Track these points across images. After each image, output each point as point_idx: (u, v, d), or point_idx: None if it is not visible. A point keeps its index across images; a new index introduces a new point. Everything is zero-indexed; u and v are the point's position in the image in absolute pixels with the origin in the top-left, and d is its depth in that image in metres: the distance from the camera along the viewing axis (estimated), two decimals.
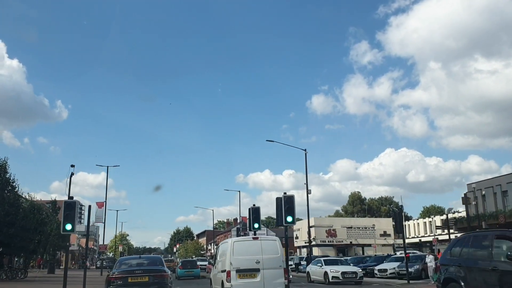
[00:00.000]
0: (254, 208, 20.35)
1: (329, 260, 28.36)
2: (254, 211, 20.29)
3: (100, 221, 38.77)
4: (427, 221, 64.89)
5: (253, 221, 19.95)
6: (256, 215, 20.19)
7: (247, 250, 12.36)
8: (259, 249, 12.35)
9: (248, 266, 12.02)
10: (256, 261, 12.02)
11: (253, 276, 11.97)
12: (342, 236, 65.71)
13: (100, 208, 38.96)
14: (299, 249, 71.45)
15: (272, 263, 12.18)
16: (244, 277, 11.98)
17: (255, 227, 19.87)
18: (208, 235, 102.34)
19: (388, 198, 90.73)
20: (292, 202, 16.39)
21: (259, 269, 11.99)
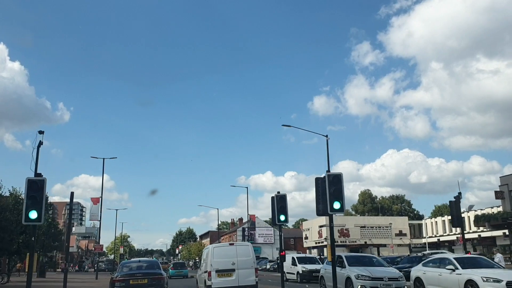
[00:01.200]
0: (280, 197, 15.92)
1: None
2: (279, 200, 15.90)
3: (96, 218, 34.48)
4: (446, 219, 60.34)
5: (279, 213, 15.63)
6: (282, 205, 15.84)
7: (225, 254, 14.66)
8: (234, 253, 14.61)
9: (226, 267, 14.31)
10: (232, 263, 14.31)
11: (229, 275, 14.26)
12: (355, 236, 61.41)
13: (95, 204, 34.62)
14: (309, 250, 67.01)
15: (245, 264, 14.44)
16: (223, 276, 14.26)
17: (281, 219, 15.60)
18: (212, 236, 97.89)
19: (400, 197, 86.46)
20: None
21: (235, 269, 14.28)
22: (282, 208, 15.77)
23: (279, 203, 15.76)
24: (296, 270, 25.93)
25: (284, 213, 15.76)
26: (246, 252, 15.02)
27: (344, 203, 12.28)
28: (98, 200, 34.94)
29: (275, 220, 15.91)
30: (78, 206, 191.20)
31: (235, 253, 14.76)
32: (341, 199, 12.18)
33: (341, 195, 12.24)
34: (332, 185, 12.18)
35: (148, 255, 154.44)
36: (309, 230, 65.92)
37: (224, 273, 14.45)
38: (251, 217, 48.30)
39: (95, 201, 34.81)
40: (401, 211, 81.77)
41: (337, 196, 12.12)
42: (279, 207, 15.71)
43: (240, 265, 14.52)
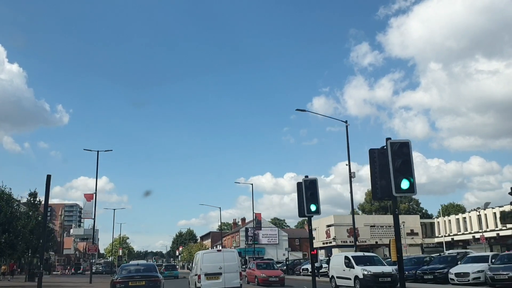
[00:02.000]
0: (309, 182, 13.07)
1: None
2: (309, 186, 12.86)
3: (89, 216, 31.47)
4: (461, 218, 57.10)
5: (309, 201, 12.44)
6: (313, 192, 12.76)
7: (213, 259, 16.48)
8: (221, 258, 16.40)
9: (214, 271, 16.12)
10: (219, 267, 16.15)
11: (217, 278, 16.07)
12: (365, 235, 58.57)
13: (88, 201, 31.52)
14: (316, 251, 63.52)
15: (231, 268, 16.27)
16: (211, 279, 16.07)
17: (311, 210, 12.41)
18: (213, 236, 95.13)
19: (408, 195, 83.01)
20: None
21: (221, 273, 16.08)
22: (313, 195, 13.31)
23: (308, 190, 13.33)
24: (354, 274, 19.99)
25: (315, 202, 13.34)
26: (232, 257, 16.82)
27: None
28: (92, 197, 31.98)
29: (303, 210, 13.53)
30: (76, 208, 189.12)
31: (222, 259, 16.47)
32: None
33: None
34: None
35: (148, 256, 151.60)
36: (315, 230, 62.72)
37: (212, 276, 16.14)
38: (257, 216, 45.16)
39: (88, 197, 31.78)
40: (409, 210, 78.60)
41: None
42: (308, 194, 13.31)
43: (227, 270, 16.20)
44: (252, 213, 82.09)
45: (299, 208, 13.66)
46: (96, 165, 33.83)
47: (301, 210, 13.49)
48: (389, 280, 19.03)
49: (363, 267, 19.84)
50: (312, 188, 13.06)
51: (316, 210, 13.09)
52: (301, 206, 13.33)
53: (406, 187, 8.54)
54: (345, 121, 26.12)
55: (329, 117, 62.23)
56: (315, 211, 13.14)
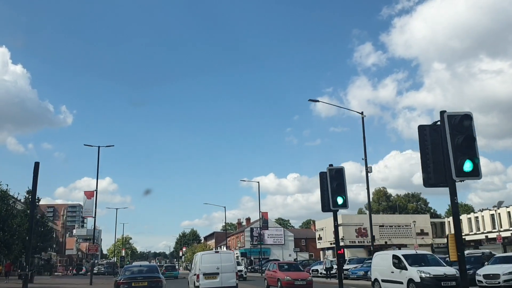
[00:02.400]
0: (335, 171, 11.28)
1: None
2: (335, 176, 11.15)
3: (90, 214, 29.83)
4: (473, 217, 55.39)
5: (335, 193, 10.74)
6: (340, 183, 11.04)
7: (211, 260, 17.21)
8: (219, 259, 17.21)
9: (211, 271, 16.81)
10: (217, 268, 16.85)
11: (214, 278, 16.81)
12: (374, 235, 56.07)
13: (89, 199, 29.78)
14: (323, 251, 61.90)
15: (228, 269, 16.97)
16: (209, 278, 16.79)
17: (338, 203, 10.67)
18: (217, 237, 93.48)
19: (416, 195, 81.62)
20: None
21: (219, 273, 16.77)
22: (339, 186, 11.48)
23: (334, 180, 11.48)
24: (407, 277, 16.73)
25: (342, 194, 11.53)
26: (228, 259, 17.66)
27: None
28: (93, 194, 30.29)
29: (327, 204, 11.74)
30: (79, 208, 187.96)
31: (219, 260, 17.26)
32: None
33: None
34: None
35: (151, 257, 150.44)
36: (323, 230, 61.19)
37: (210, 276, 16.85)
38: (263, 215, 43.44)
39: (89, 195, 30.13)
40: (417, 209, 76.85)
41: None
42: (334, 185, 11.47)
43: (223, 270, 16.91)
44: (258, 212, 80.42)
45: (322, 201, 11.98)
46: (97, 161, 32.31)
47: (324, 203, 11.81)
48: (454, 284, 15.83)
49: (419, 268, 16.73)
50: (339, 178, 11.35)
51: (343, 203, 11.37)
52: (325, 199, 11.68)
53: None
54: (361, 112, 24.51)
55: (344, 107, 60.75)
56: (342, 205, 11.42)
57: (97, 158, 30.47)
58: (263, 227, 43.98)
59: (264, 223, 43.99)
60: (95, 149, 30.60)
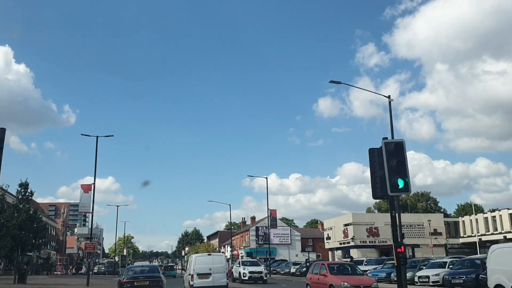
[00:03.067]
0: (394, 144, 8.53)
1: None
2: (393, 152, 8.45)
3: (87, 209, 27.36)
4: (489, 216, 52.66)
5: (394, 173, 8.03)
6: (400, 161, 8.31)
7: (204, 262, 19.24)
8: (211, 261, 19.27)
9: (204, 272, 18.74)
10: (209, 269, 18.79)
11: (207, 278, 18.70)
12: (385, 235, 54.12)
13: (86, 193, 27.26)
14: (332, 252, 59.18)
15: (219, 270, 18.89)
16: (202, 278, 18.69)
17: (398, 186, 7.96)
18: (221, 236, 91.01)
19: (425, 194, 78.83)
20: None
21: (211, 273, 18.70)
22: (400, 165, 8.78)
23: (392, 157, 8.81)
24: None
25: (404, 174, 8.81)
26: (220, 260, 19.71)
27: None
28: (90, 188, 27.73)
29: (381, 189, 9.09)
30: None
31: (212, 261, 19.19)
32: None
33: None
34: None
35: (153, 257, 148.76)
36: (332, 230, 58.44)
37: (203, 276, 18.70)
38: (272, 212, 40.69)
39: (86, 188, 27.54)
40: (427, 209, 74.10)
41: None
42: (393, 163, 8.76)
43: (215, 271, 18.74)
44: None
45: (373, 185, 9.29)
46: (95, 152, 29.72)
47: (376, 188, 9.15)
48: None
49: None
50: (399, 154, 8.82)
51: (405, 186, 8.70)
52: (378, 182, 9.04)
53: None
54: (388, 96, 21.97)
55: (370, 91, 57.78)
56: (403, 188, 8.76)
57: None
58: (272, 225, 41.30)
59: (272, 221, 41.28)
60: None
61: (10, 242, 25.58)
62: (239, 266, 29.50)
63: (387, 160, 8.65)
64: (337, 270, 17.97)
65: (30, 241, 27.87)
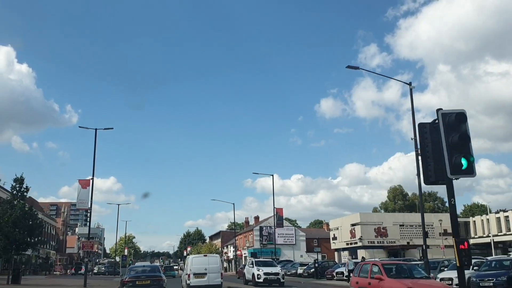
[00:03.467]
0: (456, 115, 6.74)
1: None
2: (453, 124, 6.68)
3: (85, 206, 25.58)
4: (502, 216, 50.90)
5: (454, 152, 6.16)
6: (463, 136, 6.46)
7: (200, 262, 20.86)
8: (207, 261, 20.87)
9: (200, 271, 20.34)
10: (205, 269, 20.37)
11: (203, 277, 20.30)
12: (394, 235, 52.25)
13: (84, 188, 25.47)
14: (338, 253, 57.44)
15: (214, 269, 20.54)
16: (198, 277, 20.31)
17: (461, 166, 6.11)
18: (224, 236, 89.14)
19: (432, 194, 76.97)
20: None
21: (206, 273, 20.29)
22: (463, 140, 7.23)
23: (452, 131, 7.31)
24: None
25: (467, 152, 7.31)
26: (215, 261, 21.37)
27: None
28: (88, 183, 25.92)
29: (439, 172, 7.45)
30: None
31: (207, 262, 20.82)
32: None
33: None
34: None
35: (155, 257, 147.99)
36: (338, 230, 56.61)
37: (199, 275, 20.29)
38: (278, 211, 38.85)
39: (84, 184, 25.81)
40: (434, 209, 72.20)
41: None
42: (454, 138, 7.22)
43: (210, 271, 20.35)
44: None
45: (425, 168, 7.55)
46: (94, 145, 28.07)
47: (431, 170, 7.39)
48: None
49: None
50: (461, 128, 7.16)
51: (469, 167, 7.03)
52: (431, 163, 7.33)
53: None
54: (409, 83, 20.31)
55: (389, 77, 55.63)
56: (467, 169, 7.07)
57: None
58: (278, 224, 39.56)
59: (279, 220, 39.53)
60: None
61: (3, 240, 23.89)
62: (252, 267, 27.19)
63: (446, 135, 7.11)
64: (396, 272, 13.92)
65: (25, 239, 26.14)
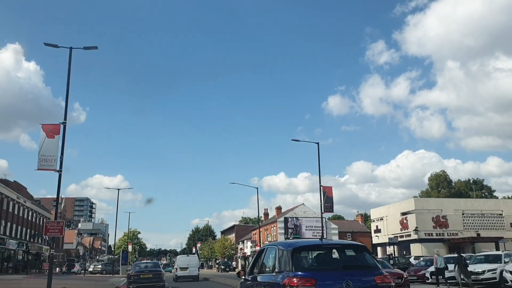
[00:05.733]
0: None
1: None
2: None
3: (49, 165, 15.04)
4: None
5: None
6: None
7: (184, 260, 32.26)
8: (188, 260, 32.45)
9: (184, 266, 31.06)
10: (187, 264, 31.13)
11: (186, 270, 30.63)
12: (455, 226, 41.77)
13: (51, 137, 15.15)
14: (382, 248, 46.71)
15: (194, 265, 31.40)
16: (182, 270, 30.62)
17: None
18: (238, 230, 78.99)
19: (478, 181, 66.27)
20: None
21: (188, 267, 30.80)
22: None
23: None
24: None
25: None
26: (194, 259, 33.37)
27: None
28: (58, 130, 15.15)
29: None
30: (87, 202, 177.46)
31: (189, 260, 32.27)
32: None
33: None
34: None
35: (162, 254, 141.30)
36: (382, 220, 45.61)
37: (183, 269, 30.74)
38: (326, 191, 28.18)
39: (49, 131, 15.61)
40: (482, 197, 61.17)
41: None
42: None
43: (191, 266, 31.07)
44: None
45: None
46: (68, 68, 17.70)
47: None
48: None
49: None
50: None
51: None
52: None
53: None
54: None
55: None
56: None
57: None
58: (327, 208, 28.94)
59: (327, 203, 28.92)
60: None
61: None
62: None
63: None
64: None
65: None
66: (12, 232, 48.54)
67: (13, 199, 47.91)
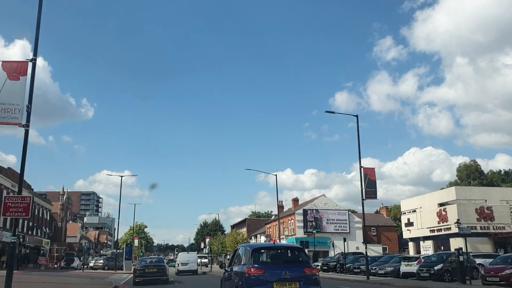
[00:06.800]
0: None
1: None
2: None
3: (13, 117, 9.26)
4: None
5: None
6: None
7: (185, 256, 36.28)
8: (189, 256, 36.22)
9: (185, 261, 34.66)
10: (188, 260, 34.76)
11: (186, 265, 34.04)
12: (502, 218, 36.34)
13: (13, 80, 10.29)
14: (414, 243, 41.43)
15: (193, 261, 35.03)
16: (183, 265, 34.10)
17: None
18: (250, 224, 74.22)
19: (510, 172, 60.47)
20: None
21: (188, 263, 34.31)
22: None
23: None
24: None
25: None
26: (193, 256, 36.69)
27: None
28: (25, 70, 9.42)
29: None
30: (94, 196, 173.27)
31: (189, 256, 36.01)
32: None
33: None
34: None
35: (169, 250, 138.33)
36: (415, 212, 40.30)
37: (184, 264, 34.11)
38: (368, 172, 22.90)
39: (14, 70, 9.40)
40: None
41: None
42: None
43: (191, 261, 34.60)
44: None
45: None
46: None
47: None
48: None
49: None
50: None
51: None
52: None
53: None
54: None
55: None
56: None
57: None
58: (369, 193, 23.78)
59: (370, 188, 23.75)
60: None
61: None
62: None
63: None
64: None
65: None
66: (6, 223, 43.92)
67: (6, 187, 43.21)
